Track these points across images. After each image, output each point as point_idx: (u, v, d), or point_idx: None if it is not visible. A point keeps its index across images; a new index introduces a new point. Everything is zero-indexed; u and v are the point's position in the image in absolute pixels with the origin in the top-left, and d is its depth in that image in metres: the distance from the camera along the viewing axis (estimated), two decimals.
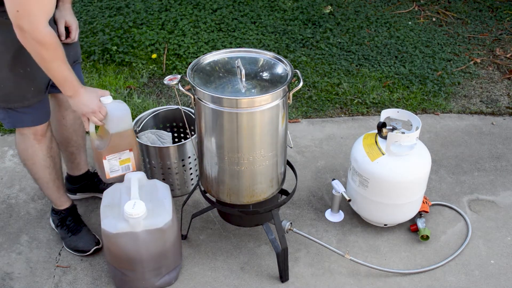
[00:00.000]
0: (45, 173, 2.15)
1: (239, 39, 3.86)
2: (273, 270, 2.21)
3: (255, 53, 1.98)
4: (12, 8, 1.61)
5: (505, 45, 3.97)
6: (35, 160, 2.11)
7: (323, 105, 3.26)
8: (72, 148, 2.38)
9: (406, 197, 2.24)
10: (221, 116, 1.79)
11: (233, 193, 2.00)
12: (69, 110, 2.26)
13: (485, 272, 2.21)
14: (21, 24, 1.63)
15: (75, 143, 2.37)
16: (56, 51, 1.74)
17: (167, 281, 2.12)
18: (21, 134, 2.06)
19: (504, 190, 2.64)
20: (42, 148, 2.09)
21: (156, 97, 3.34)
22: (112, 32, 3.83)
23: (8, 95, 1.92)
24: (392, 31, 4.07)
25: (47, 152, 2.11)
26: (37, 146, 2.07)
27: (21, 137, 2.07)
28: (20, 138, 2.07)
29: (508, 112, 3.26)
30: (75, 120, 2.31)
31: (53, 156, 2.15)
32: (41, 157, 2.10)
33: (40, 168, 2.13)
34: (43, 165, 2.12)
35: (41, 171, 2.14)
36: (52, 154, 2.14)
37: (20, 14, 1.61)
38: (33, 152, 2.09)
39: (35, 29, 1.65)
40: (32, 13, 1.62)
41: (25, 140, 2.06)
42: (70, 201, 2.32)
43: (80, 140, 2.39)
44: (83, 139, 2.41)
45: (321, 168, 2.78)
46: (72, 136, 2.34)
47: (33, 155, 2.09)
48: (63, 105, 2.23)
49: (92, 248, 2.24)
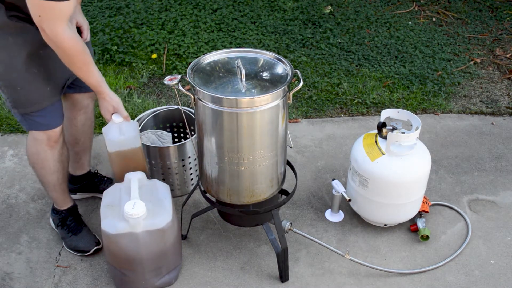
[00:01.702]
0: (53, 178, 2.16)
1: (239, 39, 3.86)
2: (273, 270, 2.21)
3: (255, 53, 1.98)
4: (34, 13, 1.68)
5: (505, 45, 3.97)
6: (45, 164, 2.11)
7: (323, 105, 3.26)
8: (79, 149, 2.38)
9: (406, 197, 2.24)
10: (221, 116, 1.79)
11: (233, 193, 2.00)
12: (82, 111, 2.28)
13: (485, 272, 2.21)
14: (43, 27, 1.70)
15: (82, 144, 2.38)
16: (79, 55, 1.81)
17: (167, 281, 2.12)
18: (34, 139, 2.05)
19: (504, 190, 2.64)
20: (53, 154, 2.09)
21: (156, 97, 3.34)
22: (112, 32, 3.83)
23: (26, 97, 1.93)
24: (392, 31, 4.07)
25: (57, 158, 2.12)
26: (49, 151, 2.08)
27: (34, 141, 2.06)
28: (32, 142, 2.07)
29: (508, 112, 3.26)
30: (86, 121, 2.32)
31: (63, 161, 2.16)
32: (51, 162, 2.11)
33: (49, 172, 2.14)
34: (52, 170, 2.13)
35: (49, 176, 2.15)
36: (62, 159, 2.15)
37: (42, 19, 1.69)
38: (44, 157, 2.09)
39: (55, 33, 1.71)
40: (51, 17, 1.69)
41: (37, 144, 2.06)
42: (72, 201, 2.32)
43: (88, 141, 2.40)
44: (90, 140, 2.42)
45: (321, 168, 2.78)
46: (80, 136, 2.35)
47: (43, 160, 2.10)
48: (77, 106, 2.25)
49: (93, 248, 2.24)
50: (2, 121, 3.06)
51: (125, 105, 3.16)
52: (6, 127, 3.03)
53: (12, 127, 3.02)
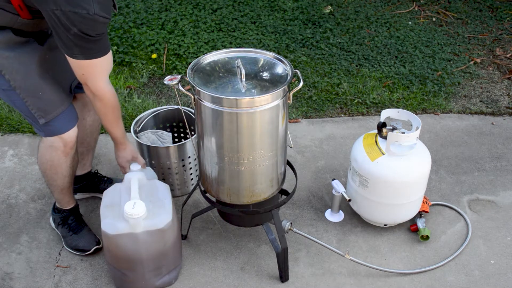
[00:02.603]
0: (63, 182, 2.18)
1: (239, 39, 3.86)
2: (273, 270, 2.21)
3: (255, 53, 1.98)
4: (78, 71, 1.83)
5: (505, 45, 3.97)
6: (58, 170, 2.13)
7: (323, 105, 3.26)
8: (83, 149, 2.39)
9: (406, 197, 2.24)
10: (221, 116, 1.79)
11: (233, 193, 2.00)
12: (92, 112, 2.29)
13: (485, 272, 2.21)
14: (87, 84, 1.87)
15: (87, 144, 2.39)
16: (115, 109, 2.00)
17: (167, 281, 2.12)
18: (51, 146, 2.05)
19: (504, 190, 2.64)
20: (67, 161, 2.11)
21: (156, 97, 3.34)
22: (112, 32, 3.83)
23: (49, 101, 1.95)
24: (392, 31, 4.07)
25: (70, 163, 2.13)
26: (63, 159, 2.09)
27: (49, 148, 2.06)
28: (47, 149, 2.07)
29: (508, 112, 3.26)
30: (94, 122, 2.34)
31: (74, 166, 2.18)
32: (64, 168, 2.13)
33: (61, 177, 2.16)
34: (64, 175, 2.15)
35: (60, 180, 2.17)
36: (74, 164, 2.17)
37: (86, 76, 1.85)
38: (59, 164, 2.10)
39: (97, 87, 1.89)
40: (94, 74, 1.85)
41: (52, 151, 2.06)
42: (74, 201, 2.33)
43: (93, 142, 2.42)
44: (95, 141, 2.44)
45: (321, 168, 2.78)
46: (86, 137, 2.36)
47: (57, 167, 2.11)
48: (87, 106, 2.26)
49: (93, 248, 2.24)
50: (2, 121, 3.06)
51: (125, 105, 3.16)
52: (6, 127, 3.03)
53: (12, 127, 3.02)
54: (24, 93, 1.91)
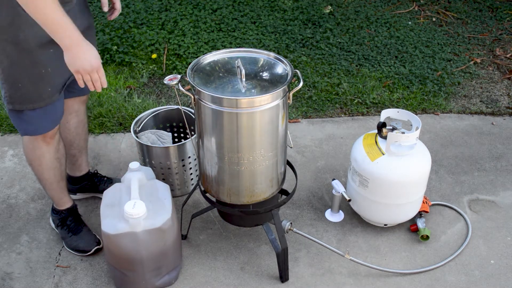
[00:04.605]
0: (50, 175, 2.15)
1: (239, 39, 3.86)
2: (273, 270, 2.21)
3: (255, 53, 1.98)
4: None
5: (505, 45, 3.97)
6: (42, 161, 2.10)
7: (323, 105, 3.26)
8: (74, 151, 2.38)
9: (406, 197, 2.24)
10: (221, 116, 1.79)
11: (233, 193, 2.00)
12: (73, 115, 2.28)
13: (485, 272, 2.21)
14: None
15: (77, 146, 2.38)
16: None
17: (167, 281, 2.12)
18: (30, 136, 2.05)
19: (504, 190, 2.64)
20: (50, 150, 2.09)
21: (156, 97, 3.34)
22: (112, 32, 3.83)
23: (26, 94, 1.90)
24: (392, 31, 4.07)
25: (54, 154, 2.11)
26: (45, 148, 2.07)
27: (29, 138, 2.05)
28: (28, 139, 2.06)
29: (508, 112, 3.26)
30: (79, 123, 2.32)
31: (60, 158, 2.15)
32: (48, 159, 2.10)
33: (46, 169, 2.13)
34: (49, 166, 2.12)
35: (46, 173, 2.14)
36: (59, 156, 2.14)
37: None
38: (41, 154, 2.08)
39: None
40: None
41: (33, 141, 2.05)
42: (71, 201, 2.32)
43: (83, 143, 2.40)
44: (85, 141, 2.42)
45: (321, 168, 2.78)
46: (74, 139, 2.34)
47: (40, 157, 2.09)
48: (68, 109, 2.24)
49: (93, 248, 2.24)
50: (2, 121, 3.06)
51: (125, 105, 3.16)
52: (6, 127, 3.03)
53: (12, 127, 3.02)
54: (3, 75, 1.86)
